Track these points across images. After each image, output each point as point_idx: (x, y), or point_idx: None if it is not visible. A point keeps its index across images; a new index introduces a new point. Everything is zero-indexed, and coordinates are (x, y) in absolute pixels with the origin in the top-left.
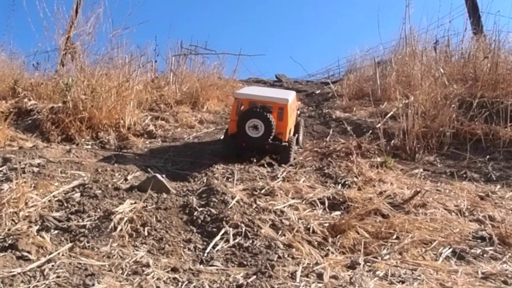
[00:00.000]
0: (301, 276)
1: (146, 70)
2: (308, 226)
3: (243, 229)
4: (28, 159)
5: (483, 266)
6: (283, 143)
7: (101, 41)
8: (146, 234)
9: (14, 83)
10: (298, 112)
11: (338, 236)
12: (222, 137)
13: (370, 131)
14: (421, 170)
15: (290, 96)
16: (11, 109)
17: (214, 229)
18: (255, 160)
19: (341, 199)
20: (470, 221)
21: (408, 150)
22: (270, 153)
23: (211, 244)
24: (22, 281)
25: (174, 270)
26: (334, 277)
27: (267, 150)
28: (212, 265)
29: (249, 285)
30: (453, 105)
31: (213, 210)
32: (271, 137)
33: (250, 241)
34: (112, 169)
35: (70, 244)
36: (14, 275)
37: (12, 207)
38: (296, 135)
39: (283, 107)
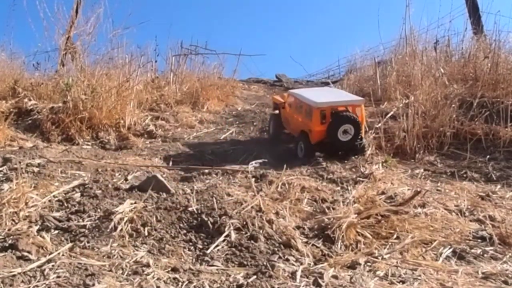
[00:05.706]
0: (301, 276)
1: (146, 70)
2: (309, 226)
3: (244, 229)
4: (28, 159)
5: (484, 266)
6: (363, 140)
7: (101, 41)
8: (146, 234)
9: (14, 83)
10: None
11: (338, 236)
12: (302, 145)
13: (370, 131)
14: (422, 170)
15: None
16: (11, 109)
17: (215, 229)
18: None
19: (341, 199)
20: (471, 221)
21: (408, 150)
22: (349, 151)
23: (213, 245)
24: (22, 281)
25: (174, 270)
26: (334, 277)
27: (348, 149)
28: (212, 265)
29: (249, 285)
30: (453, 105)
31: (214, 210)
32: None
33: (251, 241)
34: (112, 169)
35: (70, 244)
36: (14, 275)
37: (12, 207)
38: None
39: (360, 106)
